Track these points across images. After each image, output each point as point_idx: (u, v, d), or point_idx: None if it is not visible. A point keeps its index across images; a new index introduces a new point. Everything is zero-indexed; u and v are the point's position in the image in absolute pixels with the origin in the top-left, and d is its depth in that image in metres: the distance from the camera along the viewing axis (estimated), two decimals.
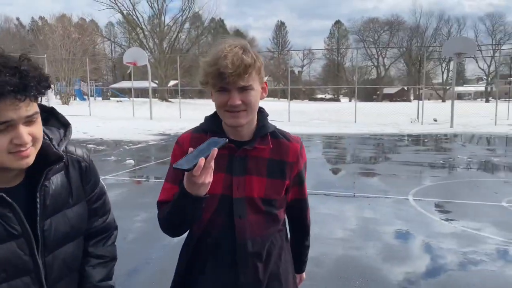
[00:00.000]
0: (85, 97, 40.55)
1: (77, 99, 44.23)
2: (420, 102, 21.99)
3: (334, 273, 3.71)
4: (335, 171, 9.02)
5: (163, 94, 47.50)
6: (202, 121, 1.43)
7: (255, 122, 1.36)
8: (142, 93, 52.20)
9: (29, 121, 0.98)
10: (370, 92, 66.30)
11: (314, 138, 14.91)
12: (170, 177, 1.37)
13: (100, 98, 48.78)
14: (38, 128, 1.01)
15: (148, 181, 7.94)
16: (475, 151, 11.51)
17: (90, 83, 37.88)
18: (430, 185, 7.32)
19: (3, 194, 0.98)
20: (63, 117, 1.16)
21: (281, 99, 62.78)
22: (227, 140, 1.21)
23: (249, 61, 1.23)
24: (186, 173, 1.13)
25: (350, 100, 62.44)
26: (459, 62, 21.85)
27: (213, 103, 1.32)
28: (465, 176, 8.37)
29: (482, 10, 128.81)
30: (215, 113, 1.37)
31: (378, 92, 69.78)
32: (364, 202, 6.14)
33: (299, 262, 1.60)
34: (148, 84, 24.34)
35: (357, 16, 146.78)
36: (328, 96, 78.32)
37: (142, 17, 52.30)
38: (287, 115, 22.37)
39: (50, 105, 1.17)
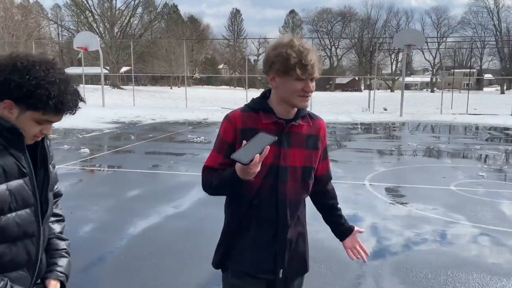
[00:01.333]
0: None
1: None
2: (371, 92, 22.77)
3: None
4: None
5: (115, 81, 45.91)
6: (158, 108, 1.70)
7: None
8: (92, 79, 50.14)
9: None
10: (323, 82, 67.70)
11: None
12: (217, 147, 1.62)
13: None
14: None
15: (103, 170, 7.72)
16: (424, 139, 12.14)
17: None
18: (384, 170, 7.67)
19: (24, 141, 1.29)
20: None
21: (237, 88, 62.69)
22: (276, 138, 1.43)
23: (319, 60, 1.55)
24: (247, 165, 1.35)
25: None
26: (408, 53, 22.79)
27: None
28: (416, 162, 8.83)
29: (428, 5, 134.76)
30: (262, 95, 1.66)
31: (331, 82, 71.42)
32: None
33: (343, 222, 1.85)
34: (100, 70, 23.43)
35: (311, 6, 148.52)
36: None
37: (92, 0, 49.96)
38: (244, 104, 22.38)
39: None
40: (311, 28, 76.29)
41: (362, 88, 68.44)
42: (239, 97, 30.75)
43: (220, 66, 78.46)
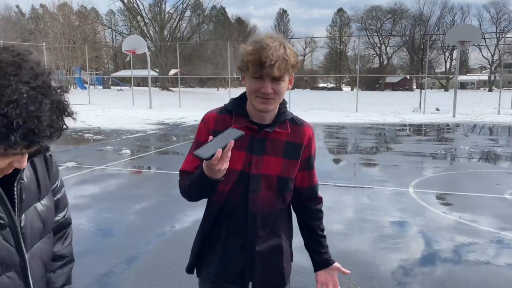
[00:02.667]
0: (86, 85, 40.34)
1: (78, 87, 44.02)
2: (423, 91, 21.74)
3: None
4: (334, 161, 8.86)
5: (164, 83, 47.22)
6: (202, 109, 1.57)
7: (277, 109, 1.50)
8: (143, 81, 51.91)
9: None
10: (372, 81, 65.85)
11: (315, 127, 14.64)
12: (192, 149, 1.51)
13: (100, 87, 48.57)
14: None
15: (143, 171, 7.80)
16: (478, 141, 11.32)
17: (91, 71, 37.66)
18: (431, 176, 7.16)
19: None
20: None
21: None
22: (243, 133, 1.31)
23: (285, 57, 1.37)
24: (208, 160, 1.25)
25: (352, 89, 62.05)
26: (462, 50, 21.53)
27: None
28: (467, 167, 8.20)
29: None
30: (240, 96, 1.54)
31: (380, 81, 69.29)
32: (364, 193, 5.99)
33: (322, 252, 1.64)
34: (148, 72, 24.09)
35: (360, 4, 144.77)
36: (330, 85, 77.89)
37: (143, 5, 51.78)
38: (288, 105, 22.12)
39: None
40: (359, 26, 74.57)
41: (414, 87, 65.84)
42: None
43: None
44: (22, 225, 1.00)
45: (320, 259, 1.65)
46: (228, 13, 79.73)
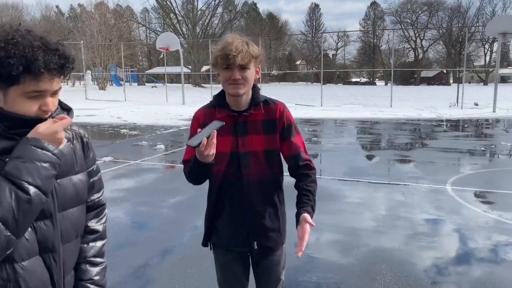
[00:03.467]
0: (121, 82, 41.38)
1: (114, 84, 45.24)
2: (460, 85, 20.99)
3: (364, 266, 3.52)
4: (368, 157, 8.72)
5: (196, 79, 47.78)
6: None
7: (250, 95, 1.78)
8: (176, 78, 52.74)
9: (54, 93, 1.17)
10: (407, 76, 64.14)
11: (348, 123, 14.52)
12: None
13: (135, 84, 49.70)
14: (57, 100, 1.22)
15: (176, 166, 7.94)
16: None
17: (126, 68, 38.59)
18: (470, 173, 6.92)
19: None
20: (65, 104, 1.31)
21: (314, 83, 61.84)
22: (224, 123, 1.59)
23: (247, 49, 1.68)
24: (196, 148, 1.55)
25: (386, 84, 60.67)
26: (504, 42, 20.62)
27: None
28: (508, 164, 7.87)
29: None
30: (220, 92, 1.82)
31: (416, 75, 67.39)
32: (398, 190, 5.86)
33: (299, 206, 1.74)
34: (181, 69, 24.44)
35: None
36: (363, 80, 76.44)
37: (176, 2, 52.51)
38: (320, 100, 21.91)
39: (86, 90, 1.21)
40: (394, 19, 72.66)
41: (451, 81, 63.65)
42: (316, 93, 30.24)
43: (298, 62, 77.98)
44: (55, 187, 1.21)
45: (297, 213, 1.74)
46: (259, 8, 79.64)
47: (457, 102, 20.74)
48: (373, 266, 3.49)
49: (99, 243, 1.44)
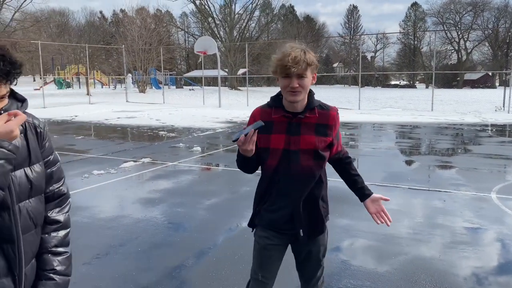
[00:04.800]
0: (160, 85, 42.37)
1: (153, 87, 46.39)
2: (507, 88, 20.03)
3: (402, 275, 3.41)
4: (407, 163, 8.46)
5: (233, 82, 48.18)
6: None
7: (306, 99, 1.95)
8: (213, 81, 53.40)
9: (1, 98, 1.22)
10: (449, 78, 61.92)
11: (386, 127, 14.18)
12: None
13: (174, 87, 50.74)
14: (4, 103, 1.25)
15: (212, 168, 8.02)
16: None
17: (165, 72, 39.48)
18: None
19: None
20: (20, 94, 1.36)
21: (352, 86, 60.90)
22: (263, 124, 1.79)
23: (305, 59, 1.84)
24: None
25: (427, 87, 58.81)
26: None
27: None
28: None
29: None
30: (277, 94, 2.00)
31: (458, 78, 64.92)
32: (439, 197, 5.65)
33: (359, 187, 2.12)
34: (218, 72, 24.73)
35: None
36: (403, 83, 74.46)
37: (214, 7, 53.23)
38: (357, 103, 21.54)
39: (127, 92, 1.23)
40: (436, 20, 70.35)
41: (497, 84, 60.88)
42: (353, 96, 29.73)
43: (335, 65, 77.07)
44: (13, 180, 1.25)
45: (360, 192, 2.12)
46: (297, 11, 79.32)
47: (504, 106, 19.80)
48: (412, 276, 3.37)
49: (61, 233, 1.45)
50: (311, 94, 1.97)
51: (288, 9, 74.47)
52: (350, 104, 23.55)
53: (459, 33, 67.91)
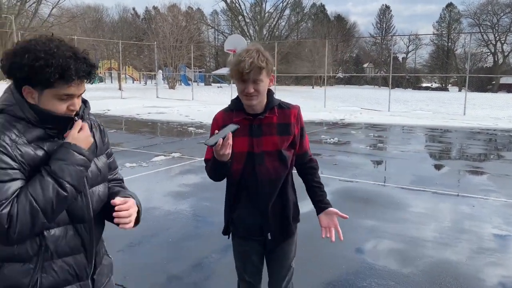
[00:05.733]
0: (189, 82, 42.97)
1: (182, 84, 47.10)
2: None
3: (426, 277, 3.43)
4: (436, 167, 8.35)
5: None
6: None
7: (265, 100, 1.94)
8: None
9: (79, 95, 1.37)
10: (483, 82, 60.04)
11: (416, 130, 13.97)
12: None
13: (202, 84, 51.35)
14: (81, 100, 1.41)
15: None
16: None
17: (194, 69, 39.99)
18: None
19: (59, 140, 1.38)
20: (82, 97, 1.51)
21: (382, 87, 59.93)
22: (238, 126, 1.78)
23: (260, 64, 1.81)
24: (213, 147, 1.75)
25: (459, 90, 57.24)
26: None
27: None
28: None
29: None
30: (237, 96, 1.97)
31: (494, 82, 62.84)
32: (468, 202, 5.58)
33: (318, 200, 2.06)
34: None
35: None
36: (435, 85, 72.69)
37: (244, 5, 53.50)
38: (387, 105, 21.25)
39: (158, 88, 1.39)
40: (471, 21, 68.26)
41: None
42: (383, 97, 29.31)
43: (365, 65, 75.97)
44: None
45: (316, 204, 2.07)
46: (327, 10, 78.58)
47: None
48: (437, 278, 3.39)
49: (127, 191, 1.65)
50: (270, 94, 1.97)
51: (319, 8, 73.91)
52: (380, 106, 23.24)
53: (496, 35, 65.68)
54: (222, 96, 29.38)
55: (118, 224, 1.43)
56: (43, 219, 1.25)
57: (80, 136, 1.35)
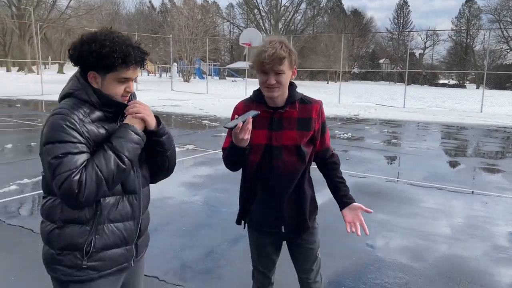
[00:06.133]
0: (204, 75, 43.12)
1: (197, 77, 47.28)
2: None
3: (436, 271, 3.46)
4: (451, 164, 8.29)
5: None
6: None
7: (287, 93, 1.92)
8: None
9: (134, 80, 1.59)
10: (502, 79, 58.88)
11: (431, 126, 13.84)
12: (228, 132, 1.94)
13: (217, 77, 51.47)
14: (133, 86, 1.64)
15: None
16: None
17: (209, 62, 40.10)
18: None
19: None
20: None
21: (397, 83, 59.27)
22: (259, 112, 1.80)
23: (282, 54, 1.80)
24: (232, 130, 1.75)
25: (477, 87, 56.29)
26: None
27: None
28: None
29: None
30: (259, 88, 1.95)
31: None
32: (481, 200, 5.56)
33: (342, 195, 2.05)
34: None
35: None
36: (452, 82, 71.59)
37: None
38: (402, 101, 21.06)
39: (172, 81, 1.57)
40: (491, 18, 66.86)
41: None
42: (399, 93, 29.03)
43: (381, 61, 75.14)
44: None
45: (340, 199, 2.05)
46: (344, 5, 77.82)
47: None
48: (446, 272, 3.42)
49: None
50: (293, 87, 1.94)
51: (335, 2, 73.25)
52: (395, 102, 23.04)
53: None
54: (236, 90, 29.45)
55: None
56: (105, 187, 1.44)
57: (135, 119, 1.55)
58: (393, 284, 3.22)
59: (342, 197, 2.04)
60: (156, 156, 1.68)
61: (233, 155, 1.89)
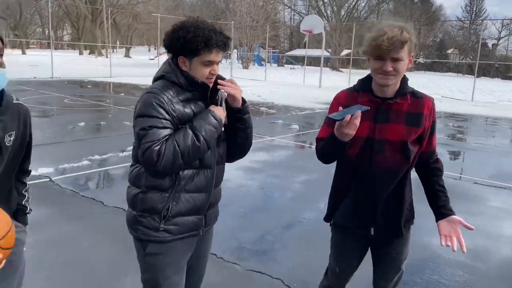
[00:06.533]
0: (263, 62, 43.25)
1: (255, 64, 47.53)
2: None
3: (498, 273, 3.32)
4: None
5: (335, 63, 47.29)
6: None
7: (398, 84, 1.75)
8: (314, 61, 52.91)
9: (217, 63, 1.72)
10: None
11: (501, 122, 12.97)
12: (326, 121, 1.88)
13: (275, 65, 51.41)
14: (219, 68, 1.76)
15: (310, 147, 8.22)
16: None
17: (268, 49, 40.11)
18: None
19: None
20: None
21: (466, 75, 55.84)
22: (369, 108, 1.65)
23: (405, 38, 1.63)
24: (337, 122, 1.62)
25: None
26: None
27: (366, 74, 1.80)
28: None
29: None
30: (366, 77, 1.82)
31: None
32: None
33: (441, 205, 1.85)
34: (321, 52, 24.52)
35: None
36: None
37: None
38: (471, 94, 19.86)
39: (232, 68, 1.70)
40: None
41: None
42: (467, 86, 27.40)
43: (449, 51, 70.99)
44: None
45: (438, 210, 1.85)
46: None
47: None
48: (509, 276, 3.27)
49: None
50: (404, 78, 1.76)
51: None
52: (462, 95, 21.79)
53: None
54: (294, 77, 29.27)
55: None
56: (181, 160, 1.60)
57: (218, 107, 1.74)
58: (451, 281, 3.14)
59: (441, 207, 1.85)
60: (237, 134, 1.84)
61: (331, 148, 1.74)
